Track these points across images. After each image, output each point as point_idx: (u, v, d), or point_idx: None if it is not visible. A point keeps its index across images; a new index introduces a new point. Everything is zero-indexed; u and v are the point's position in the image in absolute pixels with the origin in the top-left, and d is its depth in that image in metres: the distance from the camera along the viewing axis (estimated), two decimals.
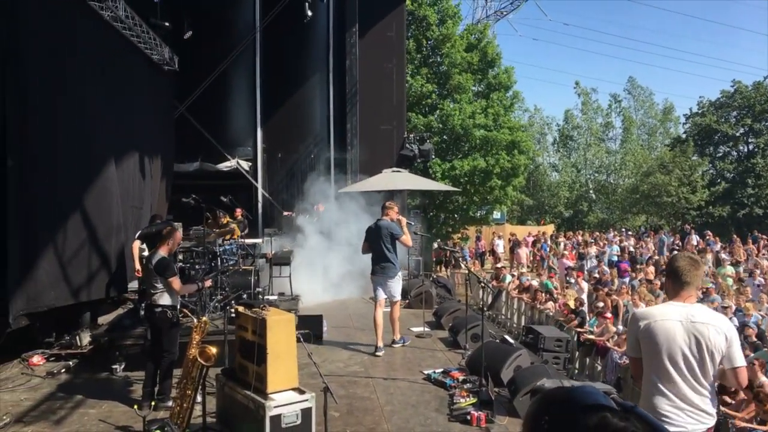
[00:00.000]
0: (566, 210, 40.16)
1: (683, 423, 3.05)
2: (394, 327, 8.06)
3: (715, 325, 3.06)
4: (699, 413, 3.06)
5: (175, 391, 5.40)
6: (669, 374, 3.06)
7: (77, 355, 7.54)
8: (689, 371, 3.05)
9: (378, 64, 16.34)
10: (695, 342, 3.04)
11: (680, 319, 3.07)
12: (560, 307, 12.14)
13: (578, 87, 43.53)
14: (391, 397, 6.15)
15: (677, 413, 3.05)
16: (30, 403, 6.13)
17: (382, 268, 7.76)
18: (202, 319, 5.24)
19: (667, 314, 3.12)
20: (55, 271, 7.20)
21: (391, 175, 14.72)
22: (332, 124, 16.05)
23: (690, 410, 3.05)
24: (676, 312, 3.11)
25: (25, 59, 6.58)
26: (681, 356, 3.05)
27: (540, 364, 6.58)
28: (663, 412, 3.04)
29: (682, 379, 3.05)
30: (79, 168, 7.99)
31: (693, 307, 3.12)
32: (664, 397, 3.07)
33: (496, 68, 25.04)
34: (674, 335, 3.06)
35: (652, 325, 3.11)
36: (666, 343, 3.06)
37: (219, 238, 8.87)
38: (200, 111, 14.67)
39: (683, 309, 3.11)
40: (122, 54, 10.36)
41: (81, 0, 8.50)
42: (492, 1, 38.47)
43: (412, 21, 23.73)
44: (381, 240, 7.71)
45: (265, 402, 4.45)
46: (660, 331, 3.08)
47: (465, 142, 23.45)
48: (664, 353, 3.07)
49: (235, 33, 15.11)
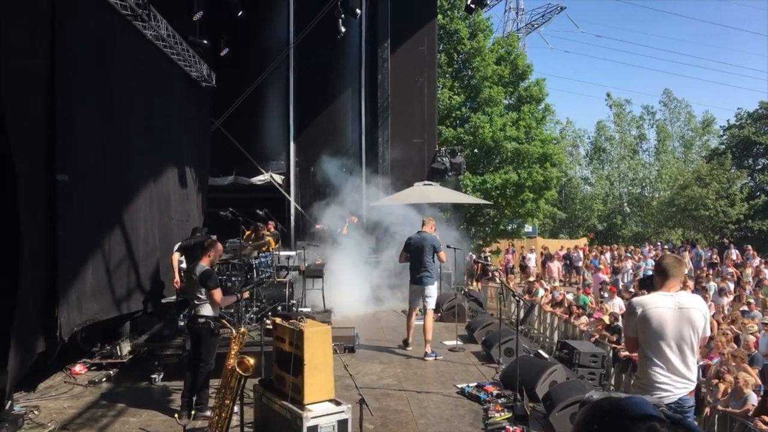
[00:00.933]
0: (600, 223, 39.52)
1: (673, 389, 3.76)
2: (426, 336, 8.20)
3: (698, 308, 3.85)
4: (685, 380, 3.79)
5: (214, 400, 5.50)
6: (662, 351, 3.76)
7: (117, 364, 7.74)
8: (678, 347, 3.76)
9: (409, 78, 16.47)
10: (686, 323, 3.77)
11: (670, 306, 3.79)
12: (595, 322, 11.95)
13: (610, 98, 42.99)
14: (425, 411, 6.15)
15: (669, 382, 3.76)
16: (73, 410, 6.31)
17: (420, 277, 8.13)
18: (241, 330, 5.35)
19: (659, 302, 3.81)
20: (99, 285, 7.43)
21: (423, 189, 14.77)
22: (364, 138, 16.22)
23: (678, 379, 3.77)
24: (666, 300, 3.81)
25: (73, 78, 6.84)
26: (672, 336, 3.75)
27: (576, 380, 6.51)
28: (657, 382, 3.76)
29: (672, 354, 3.76)
30: (120, 183, 8.25)
31: (678, 295, 3.86)
32: (659, 368, 3.76)
33: (527, 81, 24.95)
34: (666, 319, 3.76)
35: (646, 311, 3.80)
36: (659, 326, 3.76)
37: (255, 250, 9.02)
38: (235, 126, 15.02)
39: (671, 298, 3.82)
40: (162, 71, 10.69)
41: (125, 20, 8.81)
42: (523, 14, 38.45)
43: (444, 35, 23.87)
44: (422, 251, 8.11)
45: (302, 413, 4.52)
46: (654, 316, 3.77)
47: (496, 155, 23.37)
48: (657, 334, 3.76)
49: (269, 49, 15.46)
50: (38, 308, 6.16)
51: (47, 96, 6.31)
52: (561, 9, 39.85)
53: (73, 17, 6.84)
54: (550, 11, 40.01)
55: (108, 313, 7.66)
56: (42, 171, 6.20)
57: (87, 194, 7.12)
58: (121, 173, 8.27)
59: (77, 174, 6.74)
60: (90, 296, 7.14)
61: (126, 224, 8.36)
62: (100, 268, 7.51)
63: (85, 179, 7.07)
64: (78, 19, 7.02)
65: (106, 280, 7.65)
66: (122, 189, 8.32)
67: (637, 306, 3.88)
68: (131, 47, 9.06)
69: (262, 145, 15.40)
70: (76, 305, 6.80)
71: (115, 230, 8.03)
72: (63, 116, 6.42)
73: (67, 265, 6.53)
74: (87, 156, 7.21)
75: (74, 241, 6.69)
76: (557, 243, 29.61)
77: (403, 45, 16.34)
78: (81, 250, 6.95)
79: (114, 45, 8.29)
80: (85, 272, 7.06)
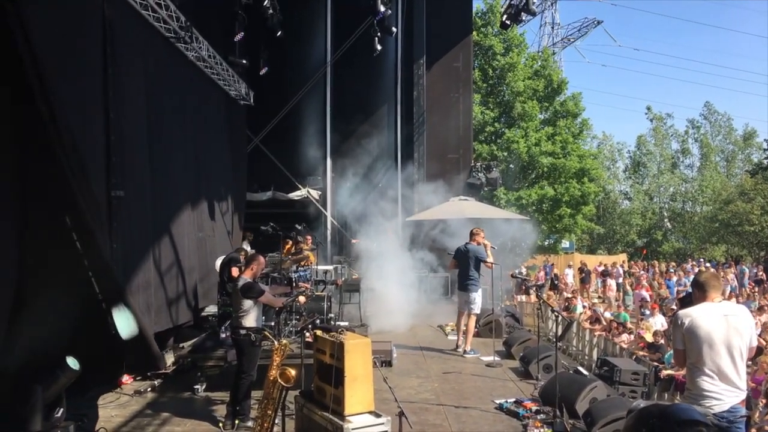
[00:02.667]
0: (639, 239, 38.70)
1: (723, 398, 3.61)
2: (467, 337, 9.08)
3: (743, 316, 3.89)
4: (734, 389, 3.72)
5: (256, 411, 5.61)
6: (710, 360, 3.73)
7: (162, 375, 7.93)
8: (727, 356, 3.75)
9: (445, 94, 16.58)
10: (733, 331, 3.78)
11: (717, 315, 3.81)
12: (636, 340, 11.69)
13: (650, 112, 42.28)
14: (464, 426, 6.15)
15: (718, 391, 3.65)
16: (120, 419, 6.50)
17: (466, 285, 9.02)
18: (283, 342, 5.46)
19: (705, 312, 3.84)
20: (151, 297, 7.68)
21: (459, 204, 14.79)
22: (399, 154, 16.37)
23: (728, 387, 3.70)
24: (712, 309, 3.85)
25: (123, 99, 7.16)
26: (720, 344, 3.75)
27: (617, 397, 6.41)
28: (706, 391, 3.63)
29: (721, 362, 3.73)
30: (165, 199, 8.53)
31: (723, 305, 3.94)
32: (708, 377, 3.70)
33: (563, 95, 24.82)
34: (714, 328, 3.77)
35: (693, 320, 3.82)
36: (707, 335, 3.76)
37: (294, 264, 9.18)
38: (273, 142, 15.34)
39: (717, 307, 3.87)
40: (203, 91, 11.05)
41: (168, 42, 9.16)
42: (559, 28, 38.29)
43: (478, 51, 23.97)
44: (467, 261, 8.98)
45: (343, 424, 4.59)
46: (701, 325, 3.79)
47: (531, 170, 23.24)
48: (705, 343, 3.75)
49: (307, 67, 15.77)
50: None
51: (104, 116, 6.61)
52: (598, 23, 39.58)
53: (122, 41, 7.16)
54: (586, 25, 39.79)
55: (163, 325, 7.89)
56: (101, 188, 6.49)
57: (137, 210, 7.40)
58: (166, 190, 8.56)
59: (129, 190, 7.01)
60: (144, 308, 7.37)
61: (171, 239, 8.63)
62: (151, 281, 7.77)
63: (135, 195, 7.35)
64: (127, 43, 7.35)
65: (158, 292, 7.90)
66: (167, 205, 8.61)
67: (684, 317, 3.90)
68: (174, 68, 9.40)
69: (300, 161, 15.66)
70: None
71: (162, 244, 8.30)
72: (117, 138, 6.71)
73: (121, 277, 6.77)
74: (137, 173, 7.50)
75: (127, 254, 6.94)
76: (595, 258, 29.12)
77: (438, 61, 16.50)
78: (133, 263, 7.19)
79: (158, 66, 8.62)
80: (138, 284, 7.31)
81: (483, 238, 9.18)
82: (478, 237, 9.14)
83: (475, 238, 9.14)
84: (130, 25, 7.64)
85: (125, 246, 6.89)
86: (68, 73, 5.93)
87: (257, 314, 6.20)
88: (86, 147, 6.12)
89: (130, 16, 7.68)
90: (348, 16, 15.39)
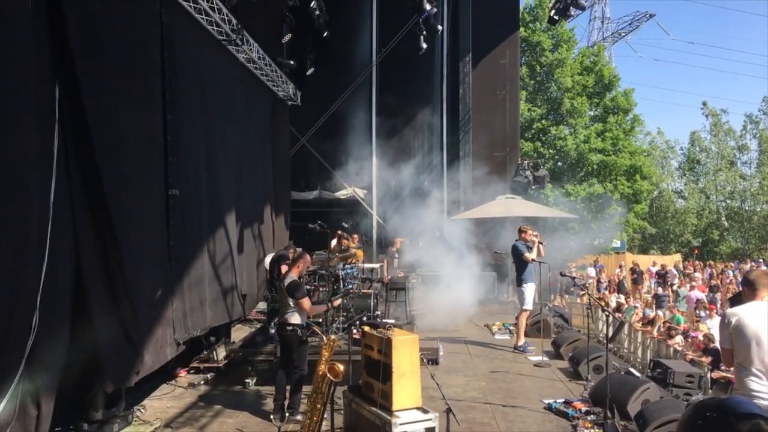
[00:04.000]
0: (694, 239, 37.38)
1: None
2: (518, 332, 9.29)
3: None
4: None
5: (305, 405, 5.72)
6: (758, 359, 3.71)
7: (214, 368, 8.18)
8: None
9: (491, 91, 16.44)
10: None
11: (764, 313, 3.76)
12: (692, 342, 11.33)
13: (706, 108, 40.77)
14: (511, 425, 6.10)
15: (766, 390, 3.69)
16: (175, 410, 6.74)
17: (515, 280, 9.51)
18: (331, 338, 5.55)
19: (752, 310, 3.82)
20: (204, 294, 7.92)
21: (505, 202, 14.64)
22: (445, 152, 16.33)
23: None
24: (760, 308, 3.82)
25: (180, 101, 7.40)
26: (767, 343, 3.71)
27: (671, 399, 6.24)
28: (754, 391, 3.70)
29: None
30: (216, 198, 8.74)
31: None
32: (755, 377, 3.72)
33: (614, 91, 24.21)
34: (761, 326, 3.73)
35: (741, 319, 3.80)
36: (755, 333, 3.73)
37: (341, 262, 9.29)
38: (320, 142, 15.53)
39: (765, 306, 3.82)
40: (252, 91, 11.28)
41: (220, 44, 9.40)
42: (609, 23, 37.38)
43: (526, 47, 23.64)
44: (514, 258, 9.35)
45: (391, 419, 4.63)
46: (748, 324, 3.76)
47: (581, 167, 22.78)
48: (753, 341, 3.73)
49: (353, 67, 15.94)
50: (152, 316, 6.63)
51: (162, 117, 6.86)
52: (650, 16, 38.49)
53: (178, 44, 7.40)
54: (638, 19, 38.73)
55: (220, 320, 8.13)
56: (160, 187, 6.74)
57: (192, 208, 7.64)
58: (218, 188, 8.79)
59: (183, 189, 7.25)
60: (200, 303, 7.61)
61: (223, 237, 8.86)
62: (206, 277, 8.01)
63: (190, 194, 7.59)
64: (182, 46, 7.59)
65: (212, 287, 8.14)
66: (218, 203, 8.82)
67: (731, 316, 3.90)
68: (225, 70, 9.64)
69: (345, 160, 15.83)
70: (189, 312, 7.28)
71: (214, 242, 8.53)
72: (173, 139, 6.95)
73: (178, 273, 7.01)
74: (191, 173, 7.74)
75: (183, 251, 7.18)
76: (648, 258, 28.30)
77: (484, 59, 16.37)
78: (187, 260, 7.43)
79: (210, 68, 8.86)
80: (194, 281, 7.55)
81: (531, 235, 9.34)
82: (526, 234, 9.30)
83: (523, 235, 9.30)
84: (185, 28, 7.88)
85: (180, 243, 7.11)
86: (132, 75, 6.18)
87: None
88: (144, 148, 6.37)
89: (185, 20, 7.92)
90: (393, 15, 15.46)
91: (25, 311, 4.43)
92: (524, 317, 9.33)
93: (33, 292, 4.47)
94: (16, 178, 4.41)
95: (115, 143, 5.67)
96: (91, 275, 5.34)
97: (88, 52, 5.26)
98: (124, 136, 5.88)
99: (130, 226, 5.80)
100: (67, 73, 5.02)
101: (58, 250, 4.76)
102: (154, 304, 6.51)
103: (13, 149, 4.37)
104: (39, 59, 4.67)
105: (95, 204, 5.37)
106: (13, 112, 4.38)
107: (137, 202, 6.13)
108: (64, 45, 4.99)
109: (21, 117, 4.45)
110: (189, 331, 7.30)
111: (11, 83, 4.36)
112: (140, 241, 6.06)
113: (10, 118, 4.34)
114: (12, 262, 4.34)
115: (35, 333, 4.49)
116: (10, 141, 4.34)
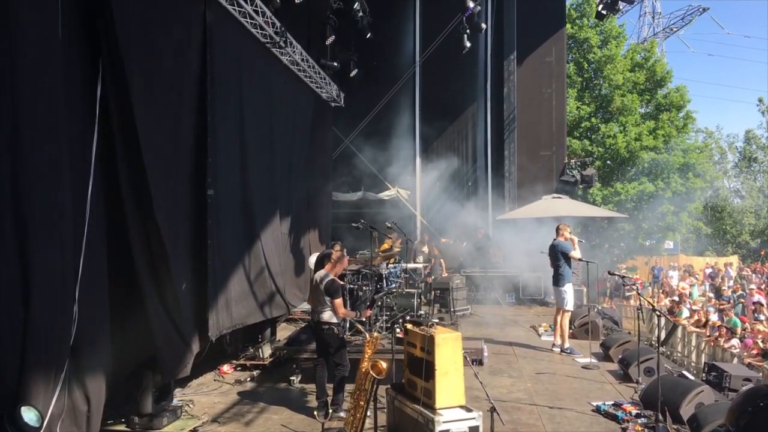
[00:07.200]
0: (752, 240, 35.78)
1: None
2: (562, 334, 9.08)
3: None
4: None
5: (348, 402, 5.74)
6: None
7: (260, 366, 8.31)
8: None
9: (536, 89, 16.18)
10: None
11: None
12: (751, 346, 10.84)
13: (762, 104, 38.99)
14: (558, 426, 5.97)
15: None
16: (222, 406, 6.87)
17: (555, 278, 9.21)
18: (374, 335, 5.55)
19: None
20: (243, 291, 8.06)
21: (552, 202, 14.38)
22: (490, 151, 16.15)
23: None
24: None
25: (220, 102, 7.53)
26: None
27: (727, 402, 5.97)
28: None
29: None
30: (254, 198, 8.82)
31: None
32: None
33: (666, 87, 23.44)
34: None
35: None
36: None
37: (384, 261, 9.30)
38: (363, 143, 15.59)
39: None
40: (296, 93, 11.41)
41: (264, 47, 9.52)
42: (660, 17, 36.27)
43: (573, 44, 23.16)
44: (555, 257, 9.14)
45: (434, 416, 4.59)
46: None
47: (631, 165, 22.13)
48: None
49: (396, 68, 15.94)
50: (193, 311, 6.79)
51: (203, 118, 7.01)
52: (703, 10, 37.15)
53: (220, 45, 7.54)
54: (690, 13, 37.50)
55: (254, 318, 8.26)
56: (199, 187, 6.89)
57: (229, 208, 7.76)
58: (258, 189, 8.90)
59: (221, 189, 7.38)
60: (236, 301, 7.75)
61: (260, 237, 8.97)
62: (242, 276, 8.14)
63: (228, 194, 7.72)
64: (225, 47, 7.72)
65: (248, 286, 8.27)
66: (257, 203, 8.89)
67: None
68: (268, 71, 9.75)
69: (389, 160, 15.84)
70: (225, 309, 7.41)
71: (253, 242, 8.66)
72: (212, 140, 7.08)
73: (215, 271, 7.15)
74: (230, 173, 7.87)
75: (220, 250, 7.31)
76: (702, 260, 27.27)
77: (529, 56, 16.13)
78: (225, 258, 7.56)
79: (253, 70, 8.97)
80: (230, 278, 7.69)
81: (569, 233, 9.29)
82: (564, 233, 9.23)
83: (561, 233, 9.24)
84: (228, 30, 8.02)
85: (218, 243, 7.24)
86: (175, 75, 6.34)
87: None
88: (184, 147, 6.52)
89: (228, 23, 8.07)
90: (436, 15, 15.40)
91: (64, 306, 4.57)
92: (567, 318, 9.12)
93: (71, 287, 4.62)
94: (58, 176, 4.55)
95: (160, 143, 5.82)
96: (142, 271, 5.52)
97: (136, 52, 5.41)
98: (168, 135, 6.02)
99: (173, 222, 5.96)
100: (114, 72, 5.16)
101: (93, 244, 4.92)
102: (197, 299, 6.68)
103: (51, 149, 4.48)
104: (82, 60, 4.83)
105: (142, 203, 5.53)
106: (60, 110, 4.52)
107: (179, 201, 6.29)
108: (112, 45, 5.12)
109: (64, 115, 4.59)
110: (230, 324, 7.44)
111: (53, 83, 4.48)
112: (182, 236, 6.22)
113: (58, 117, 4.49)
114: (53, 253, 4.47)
115: (76, 326, 4.64)
116: (53, 138, 4.48)
